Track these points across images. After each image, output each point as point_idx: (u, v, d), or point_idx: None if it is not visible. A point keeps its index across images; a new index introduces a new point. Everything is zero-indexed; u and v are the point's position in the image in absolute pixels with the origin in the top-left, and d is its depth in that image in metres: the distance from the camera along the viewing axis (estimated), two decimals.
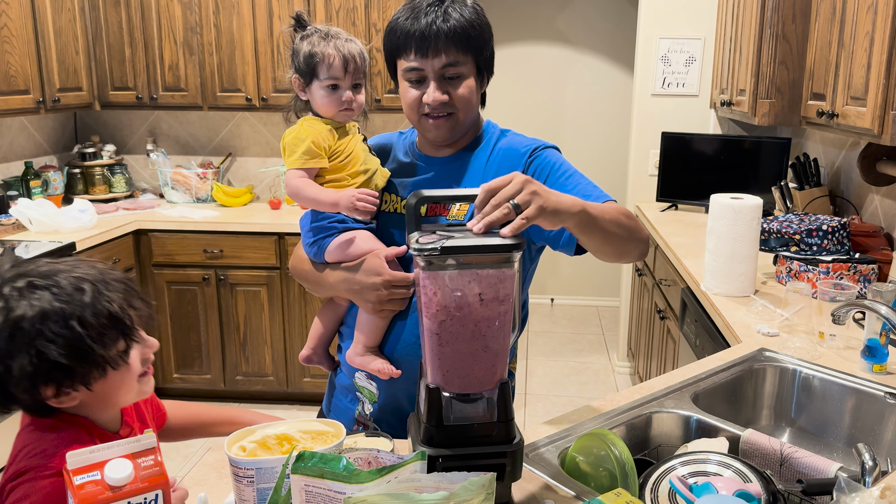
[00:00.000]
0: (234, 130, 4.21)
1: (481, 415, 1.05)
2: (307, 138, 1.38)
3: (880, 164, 2.46)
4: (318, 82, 1.40)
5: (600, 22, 5.02)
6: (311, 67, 1.39)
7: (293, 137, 1.39)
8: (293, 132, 1.40)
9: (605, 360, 4.47)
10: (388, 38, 1.36)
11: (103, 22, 3.74)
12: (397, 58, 1.37)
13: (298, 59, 1.41)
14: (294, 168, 1.38)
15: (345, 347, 1.51)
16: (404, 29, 1.32)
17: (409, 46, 1.32)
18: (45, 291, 1.04)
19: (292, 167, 1.38)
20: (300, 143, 1.37)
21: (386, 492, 0.87)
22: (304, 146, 1.37)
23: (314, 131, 1.39)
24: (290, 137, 1.40)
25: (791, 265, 2.30)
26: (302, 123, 1.42)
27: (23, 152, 3.82)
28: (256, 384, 3.75)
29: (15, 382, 1.02)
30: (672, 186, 3.76)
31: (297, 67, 1.42)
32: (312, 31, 1.42)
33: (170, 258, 3.63)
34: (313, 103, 1.44)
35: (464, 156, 1.44)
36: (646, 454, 1.43)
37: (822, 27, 2.43)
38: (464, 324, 1.01)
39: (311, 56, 1.39)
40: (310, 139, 1.37)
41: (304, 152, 1.37)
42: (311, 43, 1.40)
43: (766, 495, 1.08)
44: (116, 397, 1.12)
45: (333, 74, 1.39)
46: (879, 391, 1.57)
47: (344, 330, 1.54)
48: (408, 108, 1.39)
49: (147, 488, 1.00)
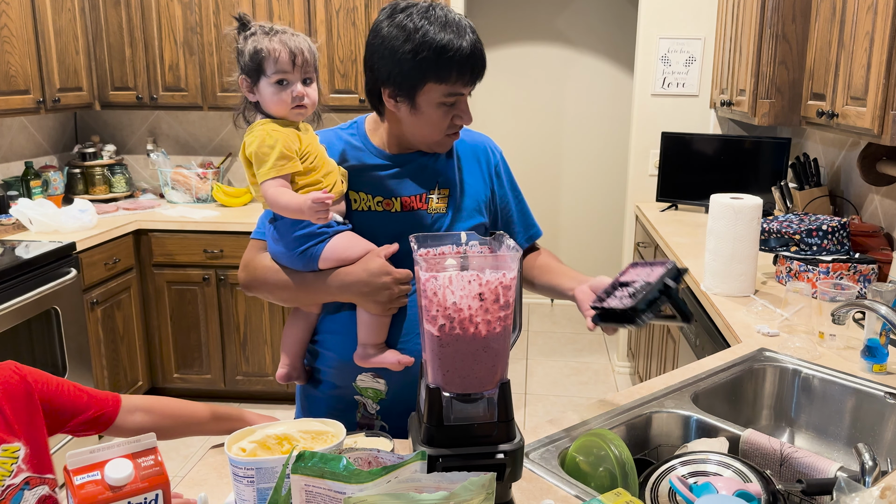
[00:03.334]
0: (234, 130, 4.21)
1: (482, 415, 1.05)
2: (276, 143, 1.31)
3: (880, 164, 2.46)
4: (265, 79, 1.35)
5: (600, 22, 5.02)
6: (257, 64, 1.34)
7: (260, 145, 1.31)
8: (256, 140, 1.32)
9: (605, 360, 4.47)
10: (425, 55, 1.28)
11: (103, 22, 3.74)
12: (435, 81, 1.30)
13: (244, 58, 1.36)
14: (271, 178, 1.30)
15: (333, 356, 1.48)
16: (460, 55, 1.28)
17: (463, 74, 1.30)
18: None
19: (269, 177, 1.30)
20: (270, 150, 1.30)
21: (386, 492, 0.87)
22: (276, 152, 1.30)
23: (280, 134, 1.32)
24: (256, 146, 1.32)
25: (791, 265, 2.30)
26: (262, 129, 1.33)
27: (23, 152, 3.82)
28: (256, 384, 3.75)
29: None
30: (672, 186, 3.76)
31: (242, 67, 1.37)
32: (256, 29, 1.38)
33: (170, 258, 3.63)
34: (263, 103, 1.37)
35: (426, 153, 1.47)
36: (646, 454, 1.43)
37: (822, 27, 2.43)
38: (464, 326, 1.01)
39: (256, 53, 1.34)
40: (279, 143, 1.31)
41: (278, 158, 1.30)
42: (255, 40, 1.36)
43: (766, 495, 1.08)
44: None
45: (281, 68, 1.34)
46: (879, 391, 1.58)
47: (326, 338, 1.49)
48: (433, 127, 1.37)
49: (147, 488, 1.00)
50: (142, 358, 3.69)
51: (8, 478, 1.17)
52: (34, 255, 2.89)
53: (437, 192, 1.47)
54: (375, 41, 1.34)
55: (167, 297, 3.68)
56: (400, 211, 1.44)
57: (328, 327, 1.49)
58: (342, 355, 1.45)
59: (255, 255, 1.47)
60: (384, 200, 1.44)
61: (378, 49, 1.34)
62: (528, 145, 5.19)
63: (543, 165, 5.26)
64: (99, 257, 3.31)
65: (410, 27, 1.29)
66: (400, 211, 1.44)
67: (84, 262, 3.19)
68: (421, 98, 1.33)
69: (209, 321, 3.68)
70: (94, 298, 3.29)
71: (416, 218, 1.45)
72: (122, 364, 3.53)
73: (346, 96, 3.72)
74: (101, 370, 3.36)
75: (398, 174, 1.45)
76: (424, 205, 1.45)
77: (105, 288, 3.38)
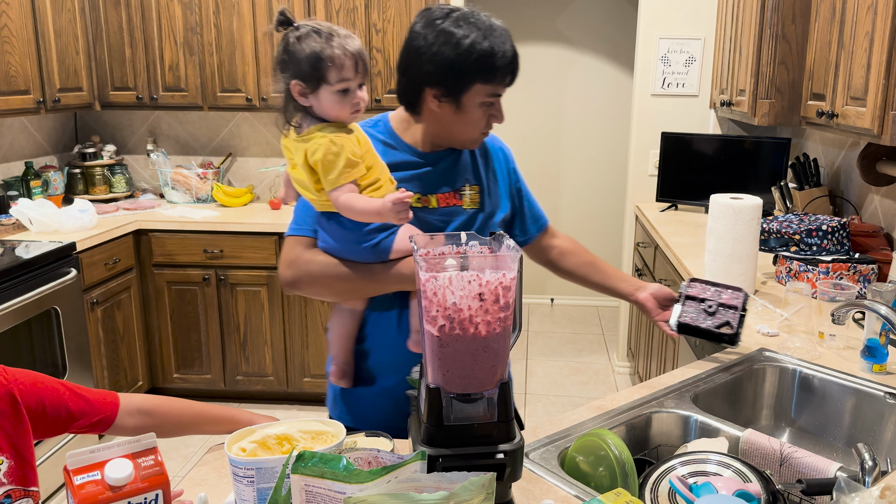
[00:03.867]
0: (234, 130, 4.21)
1: (482, 415, 1.05)
2: (341, 151, 1.30)
3: (880, 164, 2.46)
4: (327, 87, 1.29)
5: (600, 22, 5.02)
6: (319, 72, 1.28)
7: (325, 153, 1.30)
8: (321, 149, 1.30)
9: (605, 360, 4.47)
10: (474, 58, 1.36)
11: (103, 22, 3.74)
12: (482, 82, 1.39)
13: (300, 62, 1.29)
14: (339, 185, 1.30)
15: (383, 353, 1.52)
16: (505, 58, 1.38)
17: (506, 75, 1.41)
18: None
19: (338, 185, 1.30)
20: (337, 158, 1.29)
21: (386, 492, 0.87)
22: (342, 159, 1.29)
23: (343, 140, 1.31)
24: (322, 154, 1.30)
25: (791, 265, 2.30)
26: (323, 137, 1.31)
27: (23, 152, 3.82)
28: (256, 384, 3.75)
29: None
30: (672, 186, 3.76)
31: (297, 72, 1.30)
32: (309, 30, 1.30)
33: (170, 258, 3.63)
34: (319, 108, 1.33)
35: (456, 150, 1.55)
36: (646, 454, 1.43)
37: (821, 27, 2.43)
38: (464, 326, 1.01)
39: (317, 59, 1.28)
40: (344, 151, 1.30)
41: (346, 165, 1.30)
42: (314, 44, 1.29)
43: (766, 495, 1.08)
44: None
45: (345, 77, 1.29)
46: (879, 391, 1.58)
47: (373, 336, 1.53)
48: (473, 126, 1.46)
49: (147, 488, 1.00)
50: (142, 358, 3.69)
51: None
52: (34, 255, 2.89)
53: (468, 189, 1.54)
54: (418, 46, 1.39)
55: (167, 297, 3.68)
56: (437, 207, 1.50)
57: (379, 323, 1.52)
58: (394, 352, 1.48)
59: (303, 252, 1.46)
60: (422, 197, 1.49)
61: (423, 53, 1.39)
62: (528, 145, 5.19)
63: (543, 165, 5.26)
64: (99, 257, 3.31)
65: (459, 34, 1.37)
66: (437, 207, 1.50)
67: (84, 262, 3.19)
68: (466, 98, 1.41)
69: (209, 321, 3.69)
70: (94, 298, 3.29)
71: (453, 213, 1.52)
72: (122, 364, 3.53)
73: None
74: (101, 370, 3.36)
75: (432, 172, 1.51)
76: (459, 200, 1.53)
77: (105, 288, 3.38)
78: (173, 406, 1.44)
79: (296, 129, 1.35)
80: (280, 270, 1.49)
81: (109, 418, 1.33)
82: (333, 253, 1.44)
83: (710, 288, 1.65)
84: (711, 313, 1.61)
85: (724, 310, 1.62)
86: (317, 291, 1.48)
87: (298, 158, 1.34)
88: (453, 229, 1.50)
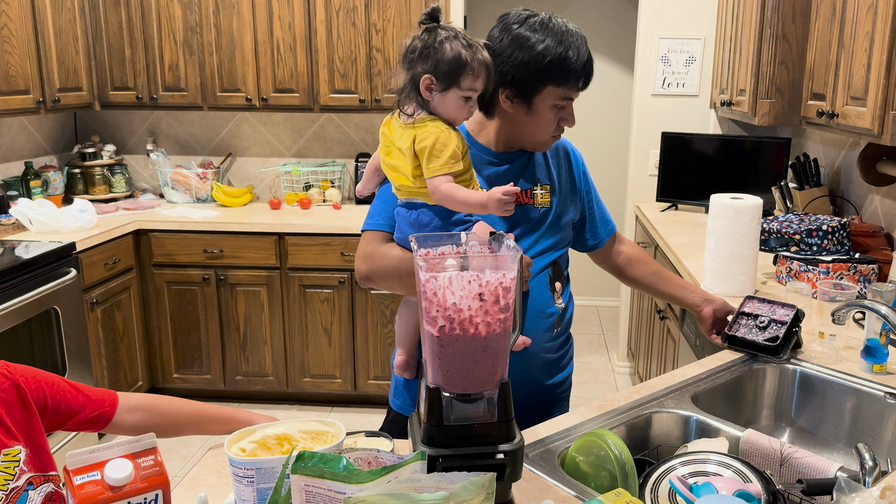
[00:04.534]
0: (234, 130, 4.21)
1: (482, 415, 1.05)
2: (450, 143, 1.34)
3: (880, 164, 2.46)
4: (457, 90, 1.35)
5: (600, 22, 5.02)
6: (456, 75, 1.34)
7: (435, 141, 1.33)
8: (433, 135, 1.34)
9: (605, 360, 4.47)
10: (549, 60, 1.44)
11: (103, 22, 3.74)
12: (553, 84, 1.46)
13: (441, 61, 1.34)
14: (441, 174, 1.34)
15: None
16: (579, 63, 1.46)
17: (579, 80, 1.48)
18: None
19: (440, 172, 1.34)
20: (445, 148, 1.33)
21: (386, 492, 0.87)
22: (450, 151, 1.33)
23: (455, 136, 1.36)
24: (431, 141, 1.34)
25: (791, 265, 2.30)
26: (436, 127, 1.36)
27: (23, 152, 3.82)
28: (256, 384, 3.75)
29: None
30: (672, 186, 3.76)
31: (435, 68, 1.34)
32: (454, 34, 1.36)
33: (170, 258, 3.63)
34: (440, 106, 1.37)
35: (527, 152, 1.61)
36: (646, 454, 1.43)
37: (822, 27, 2.43)
38: (464, 326, 1.01)
39: (459, 62, 1.34)
40: (452, 143, 1.34)
41: (451, 157, 1.33)
42: (459, 47, 1.34)
43: (766, 495, 1.08)
44: None
45: (475, 87, 1.36)
46: (879, 391, 1.57)
47: None
48: (544, 127, 1.52)
49: (147, 488, 1.00)
50: (142, 358, 3.69)
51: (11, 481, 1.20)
52: (34, 255, 2.89)
53: (539, 188, 1.59)
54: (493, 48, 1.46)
55: (167, 297, 3.68)
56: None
57: None
58: None
59: (379, 246, 1.48)
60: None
61: (498, 55, 1.45)
62: None
63: None
64: (99, 257, 3.31)
65: (534, 38, 1.45)
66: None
67: (84, 262, 3.19)
68: (537, 100, 1.48)
69: (209, 321, 3.68)
70: (94, 298, 3.29)
71: (525, 212, 1.57)
72: (121, 364, 3.53)
73: (345, 96, 3.72)
74: (101, 370, 3.36)
75: (506, 171, 1.57)
76: (531, 199, 1.58)
77: (105, 288, 3.38)
78: (172, 405, 1.44)
79: (406, 117, 1.38)
80: (356, 264, 1.51)
81: (108, 414, 1.33)
82: (407, 245, 1.44)
83: (765, 304, 1.77)
84: (763, 328, 1.74)
85: (776, 325, 1.73)
86: (390, 285, 1.51)
87: (404, 143, 1.37)
88: (523, 229, 1.57)
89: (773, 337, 1.70)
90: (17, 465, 1.22)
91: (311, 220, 3.59)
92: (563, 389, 1.76)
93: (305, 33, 3.67)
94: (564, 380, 1.75)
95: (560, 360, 1.71)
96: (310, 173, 4.06)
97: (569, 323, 1.72)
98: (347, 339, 3.66)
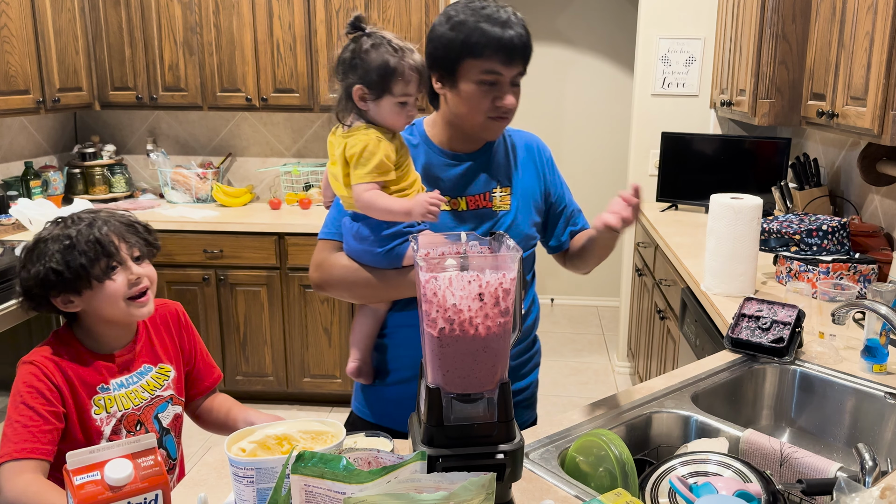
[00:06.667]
0: (234, 130, 4.21)
1: (482, 415, 1.05)
2: (378, 153, 1.35)
3: (880, 164, 2.46)
4: (390, 97, 1.36)
5: (600, 22, 5.02)
6: (386, 82, 1.35)
7: (363, 150, 1.35)
8: (361, 143, 1.36)
9: (605, 360, 4.47)
10: (462, 36, 1.38)
11: (103, 22, 3.74)
12: (471, 57, 1.39)
13: (368, 70, 1.35)
14: (365, 182, 1.35)
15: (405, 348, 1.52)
16: (493, 34, 1.37)
17: (497, 52, 1.38)
18: (68, 223, 1.42)
19: (363, 181, 1.35)
20: (372, 157, 1.34)
21: (386, 492, 0.87)
22: (377, 161, 1.34)
23: (385, 146, 1.36)
24: (359, 149, 1.35)
25: (791, 265, 2.30)
26: (367, 135, 1.37)
27: (23, 152, 3.82)
28: (256, 384, 3.75)
29: (34, 285, 1.38)
30: (672, 186, 3.76)
31: (363, 77, 1.36)
32: (383, 41, 1.37)
33: (170, 258, 3.63)
34: (377, 114, 1.39)
35: (487, 151, 1.55)
36: (646, 454, 1.43)
37: (822, 27, 2.43)
38: (464, 327, 1.01)
39: (386, 70, 1.34)
40: (382, 154, 1.35)
41: (377, 167, 1.35)
42: (385, 54, 1.35)
43: (766, 495, 1.08)
44: (105, 311, 1.43)
45: (409, 91, 1.36)
46: (879, 391, 1.58)
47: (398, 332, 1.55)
48: (474, 109, 1.43)
49: (147, 488, 1.00)
50: None
51: (159, 389, 1.51)
52: None
53: (499, 190, 1.54)
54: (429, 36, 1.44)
55: (167, 297, 3.67)
56: (466, 209, 1.50)
57: (399, 321, 1.54)
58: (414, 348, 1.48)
59: (329, 255, 1.50)
60: (451, 200, 1.50)
61: (429, 42, 1.44)
62: None
63: None
64: None
65: (453, 15, 1.40)
66: (466, 209, 1.50)
67: None
68: (460, 76, 1.41)
69: (209, 321, 3.68)
70: None
71: (482, 216, 1.53)
72: None
73: None
74: None
75: (462, 173, 1.53)
76: (489, 203, 1.53)
77: None
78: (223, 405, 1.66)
79: (345, 127, 1.41)
80: (310, 272, 1.54)
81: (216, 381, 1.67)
82: (353, 256, 1.47)
83: (764, 305, 1.76)
84: (766, 329, 1.72)
85: (779, 326, 1.72)
86: (340, 294, 1.54)
87: (338, 151, 1.39)
88: (481, 233, 1.50)
89: (778, 338, 1.70)
90: (167, 380, 1.53)
91: (311, 220, 3.59)
92: (526, 397, 1.71)
93: (305, 33, 3.67)
94: (527, 387, 1.71)
95: (521, 367, 1.67)
96: (310, 173, 4.06)
97: (532, 327, 1.69)
98: (347, 340, 3.65)
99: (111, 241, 1.42)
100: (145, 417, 1.48)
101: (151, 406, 1.49)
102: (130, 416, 1.45)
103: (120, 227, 1.45)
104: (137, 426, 1.45)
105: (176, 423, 1.55)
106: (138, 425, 1.46)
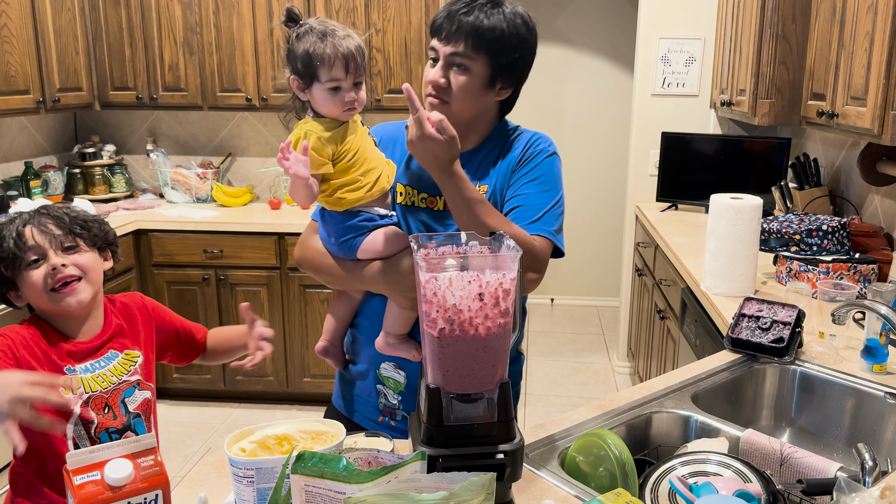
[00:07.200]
0: (234, 130, 4.21)
1: (482, 415, 1.05)
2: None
3: (880, 164, 2.46)
4: (319, 85, 1.34)
5: (600, 22, 5.02)
6: (311, 70, 1.34)
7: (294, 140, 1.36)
8: (292, 138, 1.36)
9: (605, 360, 4.47)
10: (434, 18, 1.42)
11: (103, 22, 3.74)
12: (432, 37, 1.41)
13: (295, 60, 1.35)
14: None
15: (365, 340, 1.54)
16: (444, 13, 1.38)
17: (439, 28, 1.39)
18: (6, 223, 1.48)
19: None
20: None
21: (386, 492, 0.87)
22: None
23: (314, 137, 1.35)
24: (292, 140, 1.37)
25: (791, 265, 2.30)
26: (298, 128, 1.37)
27: (23, 152, 3.82)
28: (256, 384, 3.75)
29: None
30: (672, 186, 3.76)
31: (294, 69, 1.36)
32: (308, 30, 1.35)
33: (170, 258, 3.63)
34: (314, 104, 1.38)
35: (478, 151, 1.50)
36: (646, 454, 1.43)
37: (822, 27, 2.43)
38: (464, 327, 1.01)
39: (309, 58, 1.33)
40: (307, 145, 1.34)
41: None
42: (308, 43, 1.34)
43: (766, 495, 1.08)
44: (36, 303, 1.51)
45: (335, 76, 1.33)
46: (879, 391, 1.58)
47: (362, 322, 1.56)
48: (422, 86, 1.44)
49: (147, 488, 1.00)
50: None
51: (126, 375, 1.52)
52: None
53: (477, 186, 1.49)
54: None
55: (167, 297, 3.68)
56: (442, 209, 1.47)
57: (364, 312, 1.54)
58: (371, 341, 1.50)
59: (309, 236, 1.52)
60: (428, 198, 1.48)
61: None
62: None
63: None
64: None
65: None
66: (442, 209, 1.47)
67: None
68: None
69: (209, 321, 3.68)
70: None
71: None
72: None
73: None
74: None
75: None
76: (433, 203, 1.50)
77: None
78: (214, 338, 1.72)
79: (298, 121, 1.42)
80: (294, 248, 1.57)
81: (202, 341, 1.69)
82: (323, 243, 1.49)
83: (764, 305, 1.77)
84: (766, 329, 1.73)
85: (779, 326, 1.72)
86: (312, 274, 1.55)
87: None
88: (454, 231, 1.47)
89: (778, 338, 1.70)
90: (134, 365, 1.54)
91: None
92: None
93: None
94: None
95: None
96: None
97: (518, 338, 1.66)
98: None
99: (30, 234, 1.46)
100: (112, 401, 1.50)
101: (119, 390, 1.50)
102: (98, 398, 1.47)
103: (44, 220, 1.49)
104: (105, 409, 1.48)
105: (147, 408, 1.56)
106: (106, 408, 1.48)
